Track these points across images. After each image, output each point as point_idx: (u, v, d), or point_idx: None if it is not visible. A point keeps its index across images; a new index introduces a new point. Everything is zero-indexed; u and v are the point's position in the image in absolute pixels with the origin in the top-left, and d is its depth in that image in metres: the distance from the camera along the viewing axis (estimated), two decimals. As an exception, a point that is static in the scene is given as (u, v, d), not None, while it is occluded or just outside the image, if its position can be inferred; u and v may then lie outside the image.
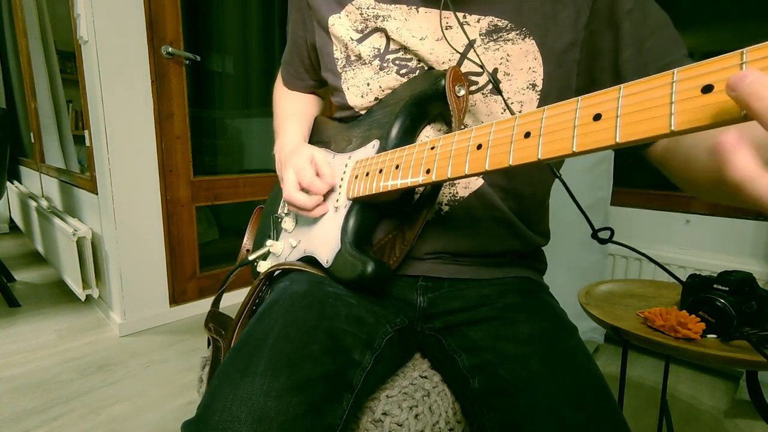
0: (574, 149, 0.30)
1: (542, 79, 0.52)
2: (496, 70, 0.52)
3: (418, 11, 0.54)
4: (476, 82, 0.53)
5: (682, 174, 0.45)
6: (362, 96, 0.58)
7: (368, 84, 0.57)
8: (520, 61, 0.52)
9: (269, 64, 2.29)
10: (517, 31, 0.51)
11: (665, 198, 1.59)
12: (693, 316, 0.75)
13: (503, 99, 0.50)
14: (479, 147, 0.37)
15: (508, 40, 0.51)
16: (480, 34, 0.52)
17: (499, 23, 0.51)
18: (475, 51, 0.52)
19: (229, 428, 0.34)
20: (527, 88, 0.52)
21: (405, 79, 0.55)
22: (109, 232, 1.59)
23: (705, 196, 0.44)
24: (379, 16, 0.55)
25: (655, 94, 0.26)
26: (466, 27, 0.52)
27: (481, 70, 0.52)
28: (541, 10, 0.51)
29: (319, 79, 0.70)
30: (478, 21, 0.52)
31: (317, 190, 0.54)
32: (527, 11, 0.51)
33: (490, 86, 0.53)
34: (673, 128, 0.25)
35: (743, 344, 0.70)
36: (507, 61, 0.52)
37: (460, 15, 0.52)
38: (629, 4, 0.50)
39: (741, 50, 0.23)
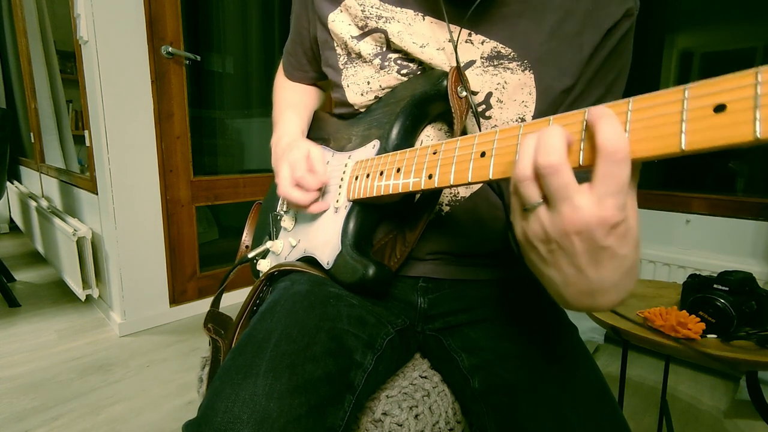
0: (581, 162, 0.29)
1: (532, 116, 0.51)
2: (490, 95, 0.51)
3: (424, 19, 0.53)
4: None
5: None
6: (362, 94, 0.58)
7: (368, 83, 0.57)
8: (516, 92, 0.51)
9: (269, 64, 2.28)
10: (519, 62, 0.50)
11: (665, 198, 1.59)
12: (693, 316, 0.75)
13: (477, 124, 0.49)
14: (483, 155, 0.36)
15: (508, 69, 0.50)
16: (481, 57, 0.51)
17: (503, 50, 0.50)
18: (474, 71, 0.51)
19: (231, 429, 0.34)
20: (516, 120, 0.51)
21: (406, 80, 0.55)
22: (109, 232, 1.59)
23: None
24: (382, 17, 0.54)
25: (666, 111, 0.25)
26: (469, 45, 0.51)
27: (473, 91, 0.51)
28: (546, 47, 0.50)
29: (321, 72, 0.69)
30: (483, 43, 0.51)
31: (308, 186, 0.53)
32: (533, 44, 0.50)
33: (478, 109, 0.52)
34: (683, 147, 0.24)
35: (743, 344, 0.71)
36: (503, 88, 0.51)
37: (465, 32, 0.51)
38: (612, 75, 0.51)
39: (755, 69, 0.22)
